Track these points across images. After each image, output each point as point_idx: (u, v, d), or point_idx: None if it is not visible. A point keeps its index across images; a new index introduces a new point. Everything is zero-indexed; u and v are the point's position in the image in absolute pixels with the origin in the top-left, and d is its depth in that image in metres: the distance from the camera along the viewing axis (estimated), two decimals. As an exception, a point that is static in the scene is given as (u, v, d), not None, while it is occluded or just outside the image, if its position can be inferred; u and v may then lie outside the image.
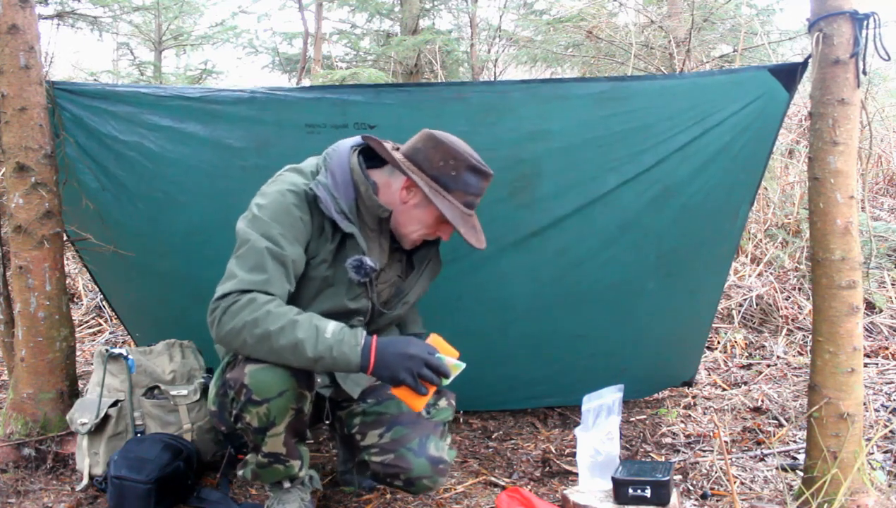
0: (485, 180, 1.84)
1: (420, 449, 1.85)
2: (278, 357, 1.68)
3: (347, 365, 1.68)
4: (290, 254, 1.75)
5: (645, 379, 2.89)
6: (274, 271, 1.72)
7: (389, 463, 1.86)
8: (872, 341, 3.62)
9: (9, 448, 2.30)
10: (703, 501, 2.11)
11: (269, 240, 1.73)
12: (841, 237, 1.87)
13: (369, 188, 1.84)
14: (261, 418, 1.75)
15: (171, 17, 7.67)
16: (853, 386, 1.90)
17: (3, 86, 2.23)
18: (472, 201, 1.84)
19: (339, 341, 1.66)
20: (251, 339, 1.66)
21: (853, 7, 1.85)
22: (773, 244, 4.54)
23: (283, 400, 1.73)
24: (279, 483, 1.92)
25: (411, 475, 1.84)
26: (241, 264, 1.73)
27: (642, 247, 2.44)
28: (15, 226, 2.28)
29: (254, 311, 1.66)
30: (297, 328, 1.65)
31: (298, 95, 2.26)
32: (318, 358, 1.66)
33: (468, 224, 1.82)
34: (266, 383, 1.71)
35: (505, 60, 7.68)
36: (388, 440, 1.89)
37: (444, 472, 1.89)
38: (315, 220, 1.82)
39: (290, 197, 1.78)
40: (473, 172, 1.81)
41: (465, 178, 1.80)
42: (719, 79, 2.26)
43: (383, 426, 1.91)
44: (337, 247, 1.84)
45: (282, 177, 1.85)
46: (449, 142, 1.81)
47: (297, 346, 1.65)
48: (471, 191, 1.82)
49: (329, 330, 1.67)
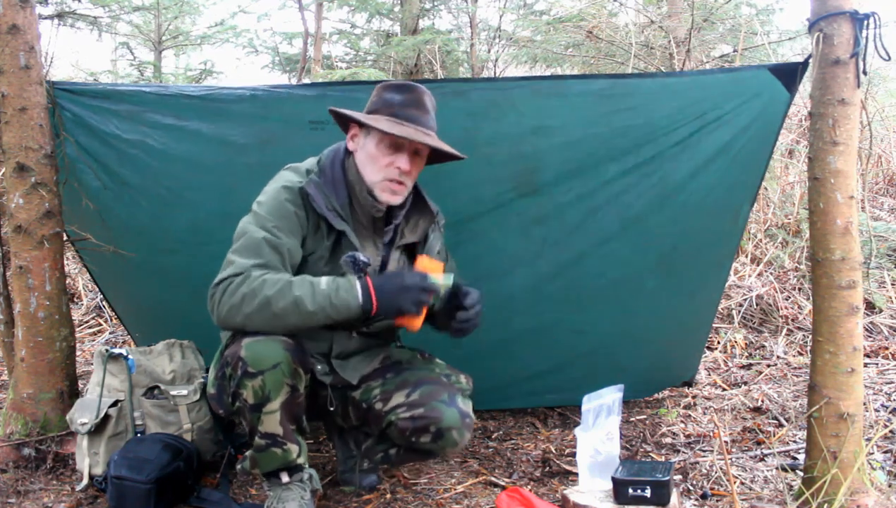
0: (408, 91, 1.90)
1: (450, 401, 1.93)
2: (282, 320, 1.75)
3: (349, 310, 1.75)
4: (285, 244, 1.83)
5: (645, 379, 2.89)
6: (270, 256, 1.80)
7: (419, 416, 1.91)
8: (872, 341, 3.62)
9: (9, 448, 2.30)
10: (703, 501, 2.11)
11: (266, 230, 1.82)
12: (841, 237, 1.87)
13: (364, 187, 1.88)
14: (256, 392, 1.78)
15: (171, 17, 7.67)
16: (853, 386, 1.90)
17: (4, 86, 2.23)
18: (400, 111, 1.88)
19: (335, 289, 1.75)
20: (251, 310, 1.73)
21: (853, 7, 1.85)
22: (773, 244, 4.54)
23: (277, 373, 1.77)
24: (277, 477, 1.92)
25: (442, 424, 1.89)
26: (238, 252, 1.82)
27: (642, 244, 2.45)
28: (15, 226, 2.28)
29: (250, 285, 1.74)
30: (293, 287, 1.73)
31: (301, 92, 2.28)
32: (319, 310, 1.73)
33: (397, 128, 1.85)
34: (261, 354, 1.76)
35: (505, 60, 7.67)
36: (416, 397, 1.95)
37: (471, 427, 1.96)
38: (311, 217, 1.88)
39: (284, 193, 1.86)
40: (390, 89, 1.91)
41: (384, 97, 1.91)
42: (720, 77, 2.27)
43: (409, 387, 1.98)
44: (333, 245, 1.91)
45: (279, 175, 1.93)
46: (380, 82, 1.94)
47: (296, 304, 1.72)
48: (394, 102, 1.89)
49: (323, 281, 1.76)
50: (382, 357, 2.10)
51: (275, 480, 1.93)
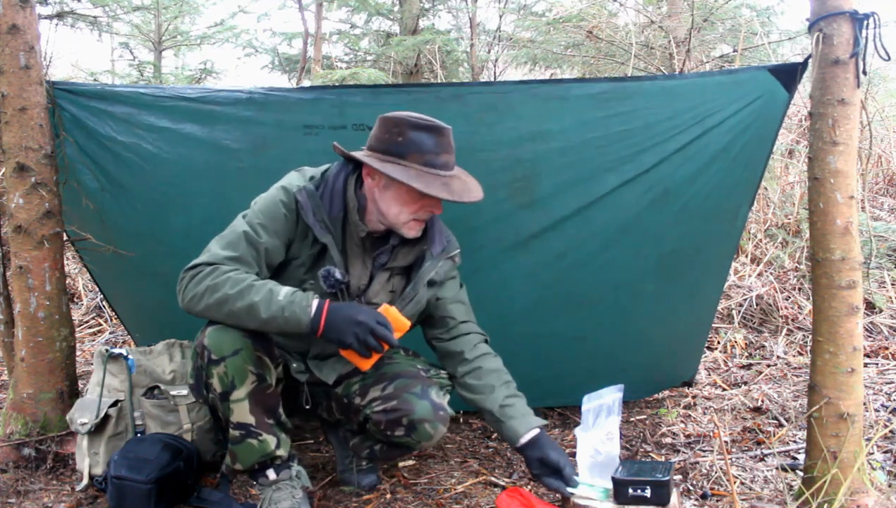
0: (439, 134, 1.81)
1: (423, 394, 1.93)
2: (236, 319, 1.77)
3: (298, 326, 1.75)
4: (264, 243, 1.84)
5: (645, 379, 2.88)
6: (246, 252, 1.82)
7: (392, 409, 1.92)
8: (872, 341, 3.62)
9: (9, 448, 2.30)
10: (703, 501, 2.11)
11: (250, 226, 1.84)
12: (841, 237, 1.87)
13: (356, 207, 1.89)
14: (222, 379, 1.81)
15: (171, 17, 7.67)
16: (853, 386, 1.90)
17: (3, 86, 2.23)
18: (433, 159, 1.80)
19: (290, 302, 1.74)
20: (210, 302, 1.76)
21: (853, 7, 1.84)
22: (773, 244, 4.54)
23: (238, 359, 1.80)
24: (265, 476, 1.92)
25: (413, 416, 1.89)
26: (219, 241, 1.84)
27: (642, 248, 2.44)
28: (15, 226, 2.28)
29: (216, 278, 1.77)
30: (253, 291, 1.75)
31: (297, 96, 2.25)
32: (270, 319, 1.74)
33: (435, 183, 1.78)
34: (221, 340, 1.80)
35: (505, 61, 7.67)
36: (391, 390, 1.95)
37: (445, 420, 1.94)
38: (300, 222, 1.88)
39: (281, 194, 1.87)
40: (419, 129, 1.80)
41: (412, 138, 1.80)
42: (719, 79, 2.26)
43: (385, 381, 1.98)
44: (316, 255, 1.91)
45: (287, 175, 1.94)
46: (392, 114, 1.83)
47: (251, 308, 1.74)
48: (425, 148, 1.79)
49: (282, 293, 1.76)
50: None
51: (263, 479, 1.93)
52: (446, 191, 1.79)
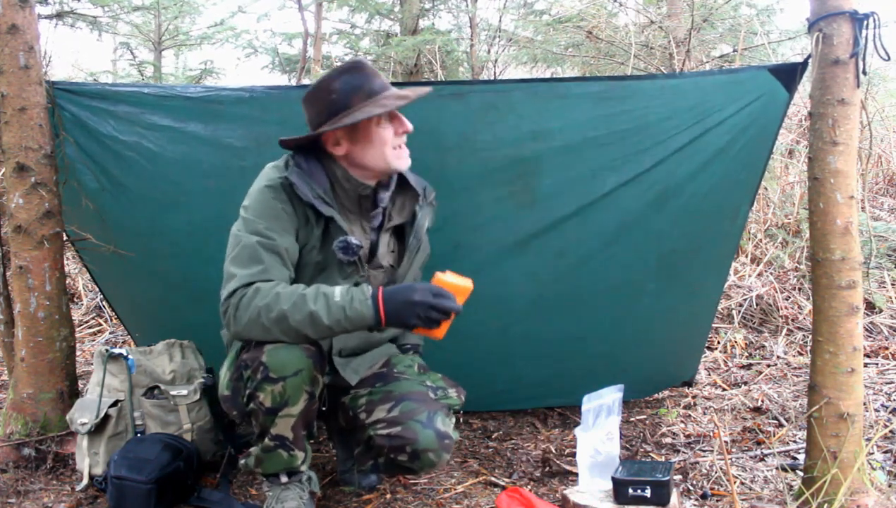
0: (360, 69, 1.87)
1: (428, 422, 1.86)
2: (298, 333, 1.74)
3: (363, 321, 1.74)
4: (280, 244, 1.81)
5: (645, 379, 2.88)
6: (269, 260, 1.79)
7: (396, 435, 1.86)
8: (872, 341, 3.62)
9: (9, 448, 2.30)
10: (703, 501, 2.11)
11: (258, 234, 1.80)
12: (841, 237, 1.87)
13: (346, 170, 1.89)
14: (275, 397, 1.77)
15: (171, 17, 7.68)
16: (853, 386, 1.90)
17: (3, 86, 2.23)
18: (371, 88, 1.84)
19: (349, 301, 1.73)
20: (269, 323, 1.72)
21: (853, 7, 1.84)
22: (773, 244, 4.54)
23: (298, 380, 1.77)
24: (277, 477, 1.92)
25: (417, 446, 1.84)
26: (237, 262, 1.79)
27: (642, 247, 2.44)
28: (15, 226, 2.28)
29: (264, 298, 1.73)
30: (308, 301, 1.72)
31: (300, 94, 2.25)
32: (335, 323, 1.72)
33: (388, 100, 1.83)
34: (283, 361, 1.76)
35: (505, 60, 7.67)
36: (396, 413, 1.90)
37: (449, 448, 1.90)
38: (298, 209, 1.86)
39: (269, 192, 1.84)
40: (341, 76, 1.85)
41: (342, 88, 1.85)
42: (719, 78, 2.26)
43: (391, 401, 1.93)
44: (323, 232, 1.89)
45: (262, 174, 1.91)
46: (309, 90, 1.90)
47: (312, 318, 1.71)
48: (358, 84, 1.84)
49: (337, 293, 1.74)
50: (382, 362, 2.08)
51: (274, 480, 1.93)
52: (402, 99, 1.84)
